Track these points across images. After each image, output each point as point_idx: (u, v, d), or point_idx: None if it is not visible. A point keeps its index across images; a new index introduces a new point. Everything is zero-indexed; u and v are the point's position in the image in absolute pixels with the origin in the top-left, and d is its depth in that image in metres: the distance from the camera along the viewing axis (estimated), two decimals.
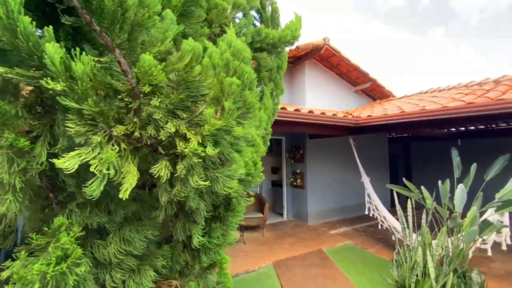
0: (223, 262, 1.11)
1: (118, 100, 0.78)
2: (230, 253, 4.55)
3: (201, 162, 0.82)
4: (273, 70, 1.81)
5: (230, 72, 0.89)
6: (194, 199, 0.88)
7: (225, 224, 1.17)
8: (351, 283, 3.50)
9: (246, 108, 0.88)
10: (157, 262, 0.99)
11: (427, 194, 3.10)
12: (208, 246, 1.12)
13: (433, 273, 2.65)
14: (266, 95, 1.57)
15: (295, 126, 4.04)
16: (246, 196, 1.17)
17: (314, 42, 5.90)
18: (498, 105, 2.56)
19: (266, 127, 1.61)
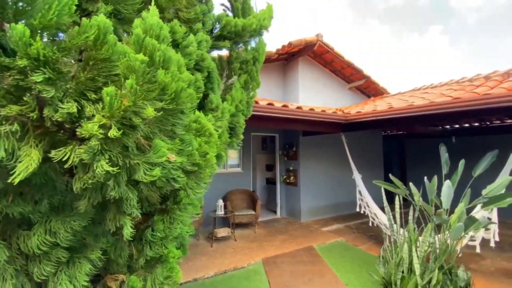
0: (170, 256, 1.07)
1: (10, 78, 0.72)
2: (219, 250, 4.55)
3: (110, 146, 0.76)
4: (249, 63, 1.77)
5: (143, 50, 0.82)
6: (115, 188, 0.84)
7: (172, 218, 1.12)
8: (339, 280, 3.48)
9: (161, 89, 0.82)
10: (91, 255, 0.95)
11: (415, 191, 3.08)
12: (150, 239, 1.08)
13: (418, 269, 2.63)
14: (235, 87, 1.52)
15: (284, 123, 4.00)
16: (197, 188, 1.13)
17: (307, 38, 5.85)
18: (484, 100, 2.53)
19: (237, 119, 1.57)
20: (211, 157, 1.08)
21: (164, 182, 0.91)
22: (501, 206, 2.57)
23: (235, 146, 1.75)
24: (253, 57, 1.78)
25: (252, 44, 1.79)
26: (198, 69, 1.26)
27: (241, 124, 1.64)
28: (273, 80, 6.98)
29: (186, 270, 3.68)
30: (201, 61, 1.22)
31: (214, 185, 5.78)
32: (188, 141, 0.97)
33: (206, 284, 3.40)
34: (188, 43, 1.17)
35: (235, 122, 1.60)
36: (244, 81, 1.71)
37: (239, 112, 1.57)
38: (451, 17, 77.54)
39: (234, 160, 6.41)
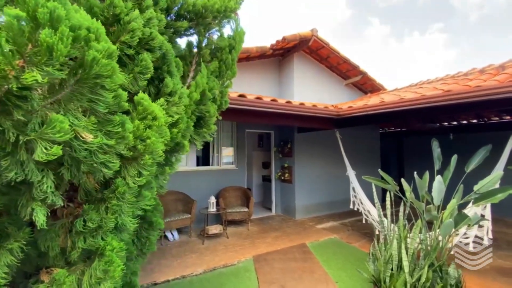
0: (108, 248, 0.99)
1: None
2: (210, 247, 4.50)
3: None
4: (224, 51, 1.70)
5: (25, 7, 0.71)
6: (16, 169, 0.77)
7: (108, 207, 1.05)
8: (329, 277, 3.43)
9: (48, 53, 0.73)
10: (10, 245, 0.89)
11: (406, 186, 3.01)
12: (81, 229, 1.02)
13: (407, 267, 2.57)
14: (201, 73, 1.44)
15: (275, 118, 3.93)
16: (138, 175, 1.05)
17: (301, 33, 5.76)
18: (474, 93, 2.45)
19: (206, 108, 1.49)
20: (154, 143, 1.01)
21: (93, 167, 0.84)
22: (492, 202, 2.50)
23: (207, 137, 1.68)
24: (229, 45, 1.71)
25: (230, 32, 1.72)
26: (148, 49, 1.19)
27: (212, 114, 1.57)
28: (269, 76, 6.91)
29: (175, 267, 3.64)
30: (151, 40, 1.15)
31: (207, 182, 5.74)
32: (118, 122, 0.90)
33: (194, 281, 3.36)
34: (131, 18, 1.10)
35: (204, 111, 1.52)
36: (216, 69, 1.63)
37: (208, 100, 1.49)
38: (451, 15, 76.78)
39: (229, 157, 6.36)
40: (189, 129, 1.34)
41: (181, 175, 5.42)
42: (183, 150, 1.31)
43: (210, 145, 6.22)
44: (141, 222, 1.52)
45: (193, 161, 5.77)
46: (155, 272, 3.51)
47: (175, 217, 4.65)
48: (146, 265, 3.71)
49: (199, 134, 1.58)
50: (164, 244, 4.51)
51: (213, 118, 1.63)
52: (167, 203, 5.03)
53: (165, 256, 4.01)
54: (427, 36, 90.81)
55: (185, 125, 1.26)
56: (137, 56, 1.13)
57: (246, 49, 5.65)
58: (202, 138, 1.63)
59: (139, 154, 0.99)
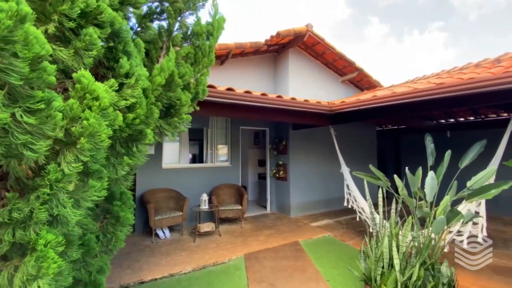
0: (40, 242, 0.89)
1: None
2: (201, 245, 4.42)
3: None
4: (201, 36, 1.60)
5: None
6: None
7: (39, 196, 0.96)
8: (321, 275, 3.36)
9: None
10: None
11: (398, 182, 2.93)
12: (5, 221, 0.92)
13: (398, 265, 2.49)
14: (167, 56, 1.35)
15: (266, 113, 3.84)
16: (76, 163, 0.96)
17: (296, 28, 5.66)
18: (468, 85, 2.37)
19: (177, 96, 1.40)
20: (93, 125, 0.91)
21: (12, 149, 0.75)
22: (486, 198, 2.42)
23: (180, 127, 1.59)
24: (207, 31, 1.62)
25: (209, 19, 1.62)
26: (96, 24, 1.10)
27: (183, 102, 1.48)
28: (264, 72, 6.81)
29: (163, 265, 3.56)
30: (99, 14, 1.06)
31: (200, 180, 5.65)
32: (40, 98, 0.80)
33: (182, 279, 3.28)
34: None
35: (174, 99, 1.43)
36: (192, 55, 1.54)
37: (177, 86, 1.40)
38: (451, 14, 76.64)
39: (223, 154, 6.27)
40: (152, 117, 1.25)
41: (173, 173, 5.34)
42: (145, 138, 1.22)
43: (203, 142, 6.14)
44: (108, 217, 1.44)
45: (186, 158, 5.69)
46: (142, 270, 3.43)
47: (166, 215, 4.57)
48: (133, 263, 3.64)
49: (170, 123, 1.49)
50: (155, 242, 4.43)
51: (186, 107, 1.54)
52: (158, 201, 4.95)
53: (154, 254, 3.93)
54: (426, 35, 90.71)
55: (144, 111, 1.16)
56: (82, 30, 1.04)
57: (240, 44, 5.57)
58: (174, 128, 1.54)
59: (76, 137, 0.90)
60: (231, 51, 5.51)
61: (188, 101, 1.50)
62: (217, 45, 5.25)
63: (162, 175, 5.18)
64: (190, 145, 12.23)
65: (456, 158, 2.89)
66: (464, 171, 2.82)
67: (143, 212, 4.75)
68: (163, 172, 5.20)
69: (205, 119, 6.17)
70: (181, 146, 5.55)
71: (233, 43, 5.43)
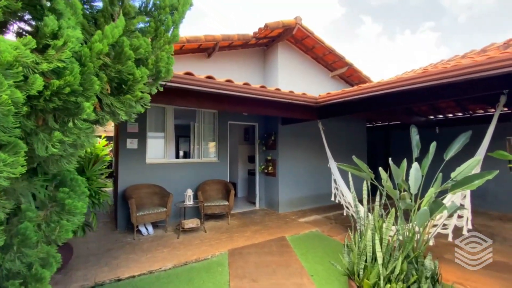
0: None
1: None
2: (185, 242, 4.29)
3: None
4: (164, 10, 1.47)
5: None
6: None
7: None
8: (305, 270, 3.28)
9: None
10: None
11: (383, 175, 2.86)
12: None
13: (381, 258, 2.42)
14: (113, 23, 1.22)
15: (250, 105, 3.73)
16: None
17: (284, 20, 5.55)
18: (451, 72, 2.31)
19: (129, 70, 1.26)
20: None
21: None
22: (470, 188, 2.36)
23: (136, 107, 1.45)
24: (171, 5, 1.49)
25: None
26: None
27: (137, 78, 1.35)
28: (253, 66, 6.69)
29: (143, 262, 3.43)
30: None
31: (186, 175, 5.51)
32: None
33: (161, 276, 3.16)
34: None
35: (125, 73, 1.30)
36: (152, 29, 1.41)
37: (127, 59, 1.27)
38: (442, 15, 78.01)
39: (211, 150, 6.14)
40: (92, 89, 1.11)
41: (158, 168, 5.19)
42: (83, 113, 1.09)
43: (190, 137, 5.99)
44: (52, 203, 1.30)
45: (172, 153, 5.54)
46: (120, 267, 3.29)
47: (149, 211, 4.42)
48: (112, 260, 3.50)
49: (122, 102, 1.36)
50: (137, 239, 4.28)
51: (140, 84, 1.40)
52: (141, 197, 4.80)
53: (134, 251, 3.79)
54: (418, 35, 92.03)
55: (77, 80, 1.03)
56: None
57: (227, 36, 5.43)
58: (128, 107, 1.41)
59: None
60: (218, 43, 5.37)
61: (144, 78, 1.37)
62: (203, 36, 5.11)
63: (146, 170, 5.02)
64: (181, 142, 12.09)
65: (443, 153, 2.83)
66: (450, 164, 2.76)
67: (125, 208, 4.60)
68: (147, 167, 5.04)
69: (191, 114, 6.02)
70: (166, 140, 5.39)
71: (220, 34, 5.29)
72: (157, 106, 5.26)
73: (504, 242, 4.44)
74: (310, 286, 2.91)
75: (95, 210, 3.29)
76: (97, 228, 4.89)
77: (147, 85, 1.54)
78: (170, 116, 5.45)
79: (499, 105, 2.82)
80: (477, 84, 2.59)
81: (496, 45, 3.07)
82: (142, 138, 5.00)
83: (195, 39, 4.99)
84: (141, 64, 1.39)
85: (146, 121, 5.07)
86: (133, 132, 4.90)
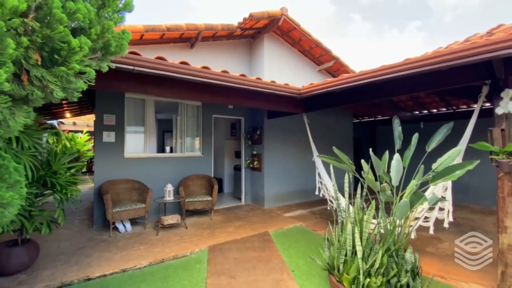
0: None
1: None
2: (164, 238, 4.10)
3: None
4: None
5: None
6: None
7: None
8: (286, 266, 3.18)
9: None
10: None
11: (365, 166, 2.77)
12: None
13: (361, 251, 2.34)
14: None
15: (226, 94, 3.57)
16: None
17: (270, 11, 5.40)
18: (433, 59, 2.24)
19: (57, 37, 1.08)
20: None
21: None
22: (451, 179, 2.30)
23: (77, 83, 1.28)
24: None
25: None
26: None
27: (74, 48, 1.17)
28: (239, 59, 6.52)
29: (116, 260, 3.25)
30: None
31: (169, 170, 5.32)
32: None
33: (135, 275, 2.99)
34: None
35: (57, 40, 1.12)
36: None
37: (58, 23, 1.09)
38: (429, 15, 79.76)
39: (194, 144, 5.95)
40: (6, 52, 0.95)
41: (138, 162, 4.98)
42: None
43: (172, 130, 5.79)
44: None
45: (153, 147, 5.32)
46: (92, 266, 3.11)
47: (127, 207, 4.22)
48: (83, 259, 3.30)
49: (56, 75, 1.19)
50: (113, 236, 4.08)
51: (78, 56, 1.23)
52: (119, 192, 4.59)
53: (109, 249, 3.60)
54: (406, 33, 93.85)
55: None
56: None
57: (210, 26, 5.24)
58: (65, 82, 1.23)
59: None
60: (201, 32, 5.17)
61: (85, 49, 1.19)
62: (185, 25, 4.90)
63: (124, 164, 4.80)
64: (167, 137, 11.77)
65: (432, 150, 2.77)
66: (433, 157, 2.71)
67: (102, 204, 4.38)
68: (125, 161, 4.82)
69: (174, 107, 5.81)
70: (146, 134, 5.17)
71: (203, 23, 5.09)
72: (135, 98, 5.03)
73: (486, 235, 4.47)
74: (289, 282, 2.81)
75: (63, 206, 3.08)
76: (73, 226, 4.66)
77: (95, 60, 1.37)
78: (151, 109, 5.23)
79: (481, 96, 2.78)
80: (460, 72, 2.54)
81: (479, 35, 3.04)
82: (120, 131, 4.77)
83: (176, 28, 4.77)
84: (83, 34, 1.21)
85: (124, 113, 4.84)
86: (110, 125, 4.66)
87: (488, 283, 2.80)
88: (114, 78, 2.84)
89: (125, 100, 4.87)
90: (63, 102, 6.60)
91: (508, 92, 2.27)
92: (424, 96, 6.54)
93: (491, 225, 5.05)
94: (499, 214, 2.35)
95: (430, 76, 2.76)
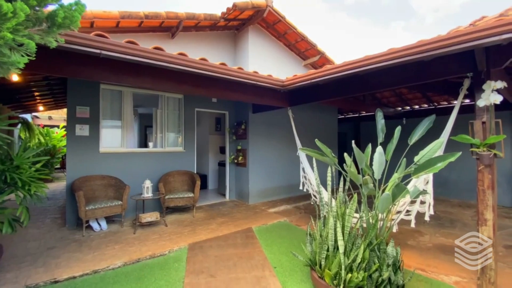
0: None
1: None
2: (141, 237, 3.89)
3: None
4: None
5: None
6: None
7: None
8: (268, 262, 3.09)
9: None
10: None
11: (348, 160, 2.70)
12: None
13: (342, 246, 2.27)
14: None
15: (208, 85, 3.41)
16: None
17: (254, 1, 5.24)
18: (417, 48, 2.19)
19: None
20: None
21: None
22: (433, 171, 2.27)
23: (12, 56, 1.10)
24: None
25: None
26: None
27: (6, 13, 0.98)
28: (223, 51, 6.33)
29: (88, 261, 3.04)
30: None
31: (148, 166, 5.08)
32: None
33: (107, 276, 2.80)
34: None
35: None
36: None
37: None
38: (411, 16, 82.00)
39: (176, 138, 5.73)
40: None
41: (114, 157, 4.72)
42: None
43: (152, 124, 5.54)
44: None
45: (131, 141, 5.07)
46: (60, 267, 2.89)
47: (101, 205, 3.98)
48: (51, 260, 3.07)
49: None
50: (86, 235, 3.85)
51: (10, 23, 1.05)
52: (94, 189, 4.33)
53: (80, 249, 3.37)
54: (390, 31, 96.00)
55: None
56: None
57: (192, 15, 5.02)
58: None
59: None
60: (182, 21, 4.94)
61: (21, 16, 1.01)
62: (165, 12, 4.66)
63: (99, 160, 4.54)
64: (150, 133, 11.39)
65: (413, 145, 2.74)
66: (415, 150, 2.68)
67: (74, 202, 4.11)
68: (101, 156, 4.55)
69: (154, 100, 5.56)
70: (124, 127, 4.91)
71: (184, 12, 4.86)
72: (112, 89, 4.75)
73: (464, 227, 4.58)
74: (271, 279, 2.72)
75: (26, 203, 2.82)
76: (43, 225, 4.37)
77: (40, 33, 1.19)
78: (128, 101, 4.97)
79: (463, 88, 2.78)
80: (442, 65, 2.51)
81: (462, 27, 3.04)
82: (95, 124, 4.49)
83: (155, 15, 4.53)
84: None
85: (99, 105, 4.56)
86: (83, 117, 4.38)
87: (468, 276, 2.82)
88: (82, 64, 2.61)
89: (100, 91, 4.58)
90: (35, 94, 6.17)
91: (489, 83, 2.25)
92: (407, 92, 6.62)
93: (469, 218, 5.18)
94: (479, 206, 2.34)
95: (413, 68, 2.73)
